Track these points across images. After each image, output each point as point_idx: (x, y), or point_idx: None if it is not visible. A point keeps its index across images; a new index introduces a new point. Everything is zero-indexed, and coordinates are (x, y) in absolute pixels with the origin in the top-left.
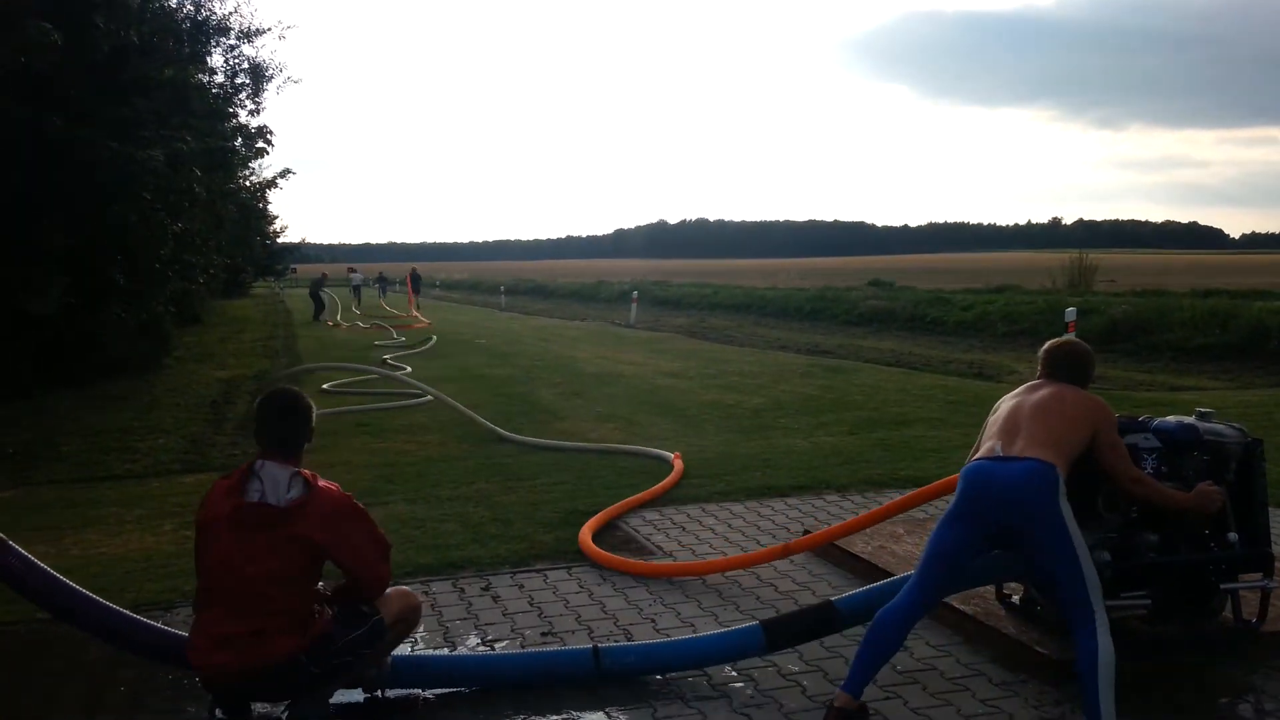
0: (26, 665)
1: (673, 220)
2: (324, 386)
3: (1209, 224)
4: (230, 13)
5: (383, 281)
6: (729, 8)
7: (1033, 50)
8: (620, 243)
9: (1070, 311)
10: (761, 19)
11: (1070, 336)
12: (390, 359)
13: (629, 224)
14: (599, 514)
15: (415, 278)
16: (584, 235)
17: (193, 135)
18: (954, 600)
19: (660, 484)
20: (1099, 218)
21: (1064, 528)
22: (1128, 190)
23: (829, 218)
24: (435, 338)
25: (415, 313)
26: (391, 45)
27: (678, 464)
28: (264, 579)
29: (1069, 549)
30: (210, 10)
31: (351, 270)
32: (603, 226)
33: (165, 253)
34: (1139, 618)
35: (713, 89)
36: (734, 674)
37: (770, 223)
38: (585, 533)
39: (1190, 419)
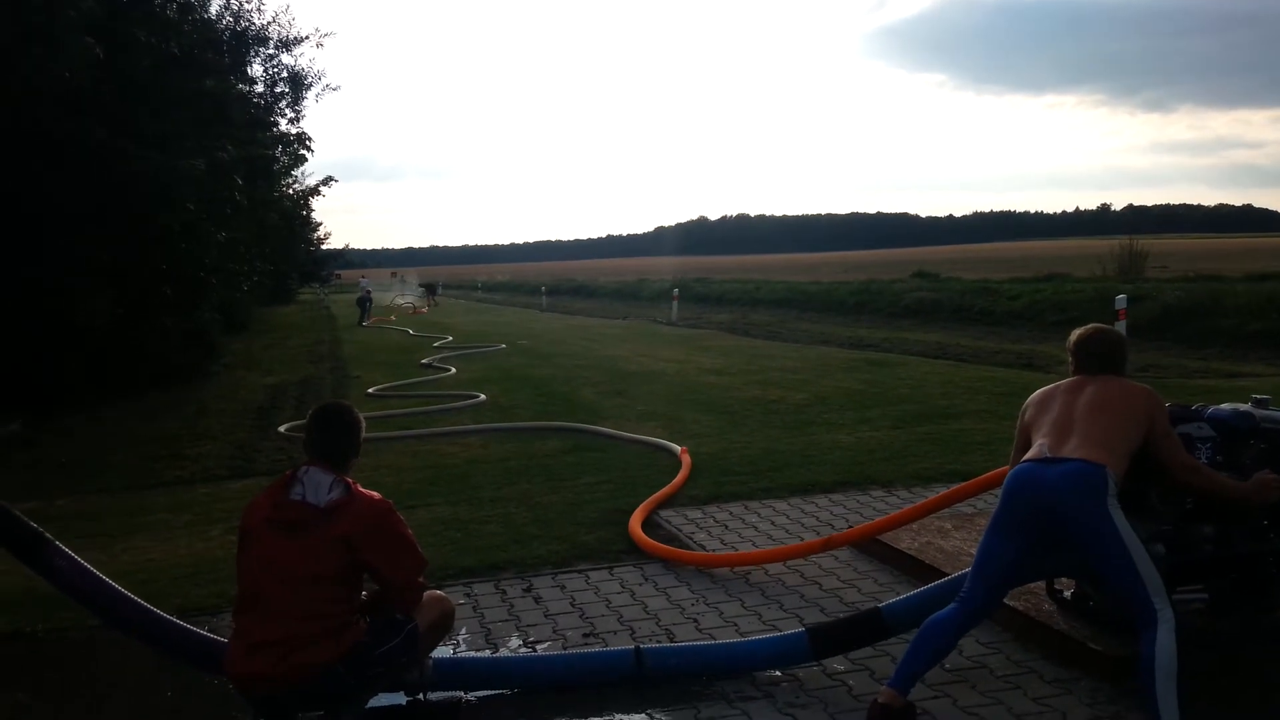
0: (75, 671)
1: (713, 216)
2: (369, 391)
3: (1264, 206)
4: (269, 22)
5: (404, 286)
6: (767, 1)
7: (1077, 35)
8: (661, 240)
9: (1121, 299)
10: (799, 10)
11: (1097, 325)
12: (435, 361)
13: (669, 221)
14: (641, 505)
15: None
16: (624, 234)
17: (233, 144)
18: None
19: (676, 479)
20: (1149, 203)
21: (1114, 531)
22: (1179, 174)
23: (871, 210)
24: (504, 345)
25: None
26: (428, 48)
27: (685, 459)
28: (302, 580)
29: (1122, 552)
30: (249, 21)
31: (393, 274)
32: (643, 225)
33: (210, 261)
34: (1196, 612)
35: (751, 83)
36: (778, 673)
37: (812, 216)
38: (635, 523)
39: (1246, 406)
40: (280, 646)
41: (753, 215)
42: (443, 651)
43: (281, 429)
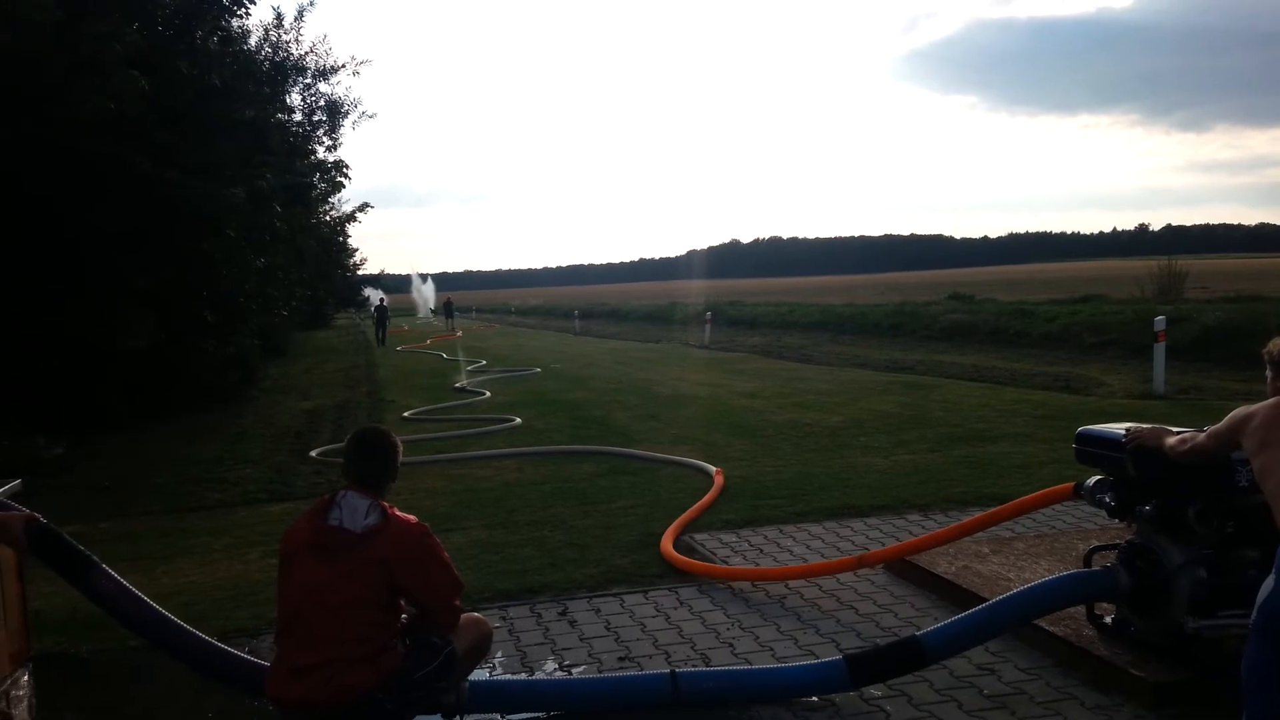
0: (118, 692)
1: (745, 239)
2: (405, 414)
3: None
4: (306, 52)
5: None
6: (798, 27)
7: (1110, 55)
8: (692, 263)
9: (1160, 320)
10: (830, 34)
11: None
12: (467, 386)
13: (701, 244)
14: (672, 525)
15: (449, 304)
16: (657, 257)
17: (273, 173)
18: (1044, 622)
19: (705, 497)
20: (1188, 223)
21: None
22: (1217, 193)
23: (905, 231)
24: (539, 369)
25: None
26: (462, 76)
27: (718, 479)
28: (341, 605)
29: None
30: (288, 52)
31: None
32: (675, 248)
33: (249, 287)
34: (1239, 637)
35: (783, 107)
36: (814, 699)
37: (845, 238)
38: (666, 542)
39: None
40: (321, 670)
41: (785, 238)
42: (479, 675)
43: (313, 453)
